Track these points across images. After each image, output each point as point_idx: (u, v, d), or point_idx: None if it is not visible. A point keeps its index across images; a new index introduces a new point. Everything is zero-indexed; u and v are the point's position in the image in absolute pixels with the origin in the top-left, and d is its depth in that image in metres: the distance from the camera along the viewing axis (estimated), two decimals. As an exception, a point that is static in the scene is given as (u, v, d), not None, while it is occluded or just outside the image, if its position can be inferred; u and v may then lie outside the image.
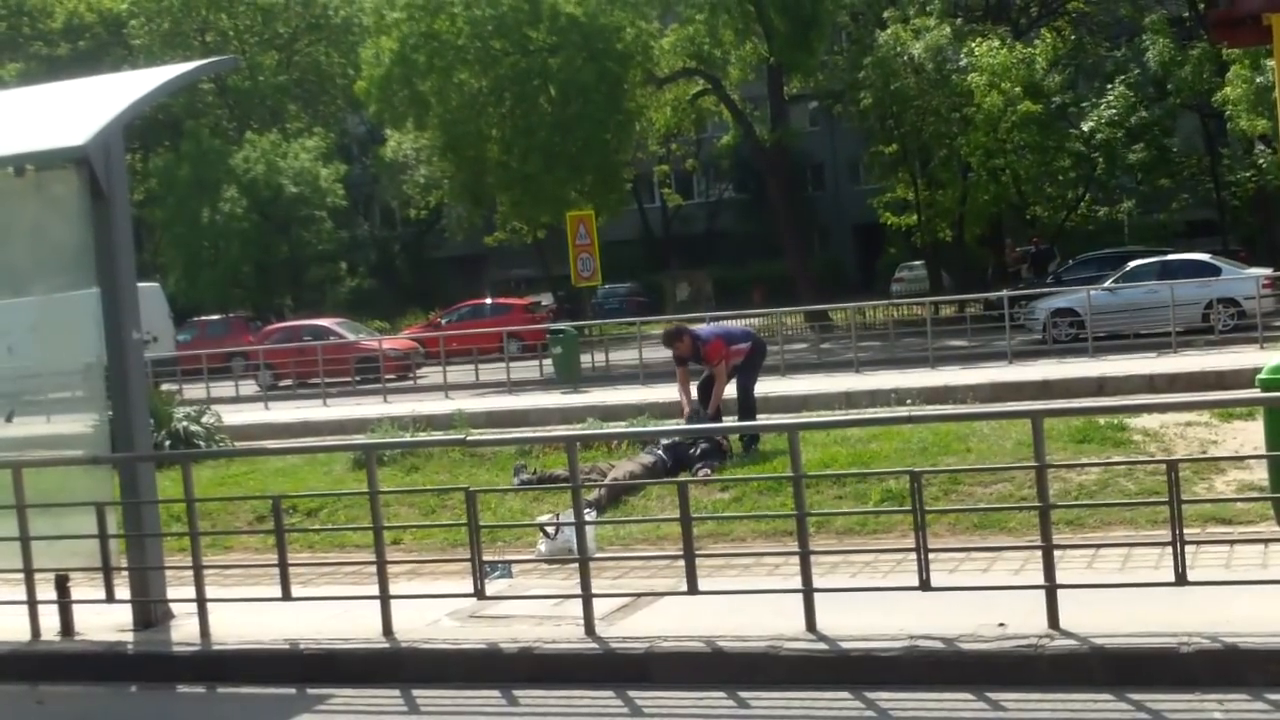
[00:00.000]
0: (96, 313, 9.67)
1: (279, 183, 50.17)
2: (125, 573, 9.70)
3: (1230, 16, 8.62)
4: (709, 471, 12.90)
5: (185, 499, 9.42)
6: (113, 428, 9.84)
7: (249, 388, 33.38)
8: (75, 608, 9.64)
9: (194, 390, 29.68)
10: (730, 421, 14.57)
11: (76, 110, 9.83)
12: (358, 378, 31.29)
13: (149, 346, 31.26)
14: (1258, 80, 29.11)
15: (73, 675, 9.12)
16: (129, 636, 9.40)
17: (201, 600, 9.14)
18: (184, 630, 9.34)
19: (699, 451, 13.31)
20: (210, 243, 49.80)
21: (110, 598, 9.47)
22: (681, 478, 11.73)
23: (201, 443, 17.31)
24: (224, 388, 32.14)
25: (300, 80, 59.89)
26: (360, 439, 16.47)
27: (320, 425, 23.24)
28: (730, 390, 14.70)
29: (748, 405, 14.58)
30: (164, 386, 27.76)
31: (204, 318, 45.85)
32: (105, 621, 9.57)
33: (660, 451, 13.37)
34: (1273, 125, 29.81)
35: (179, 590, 9.67)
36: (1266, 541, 8.84)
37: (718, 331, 15.09)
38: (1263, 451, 8.57)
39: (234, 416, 22.87)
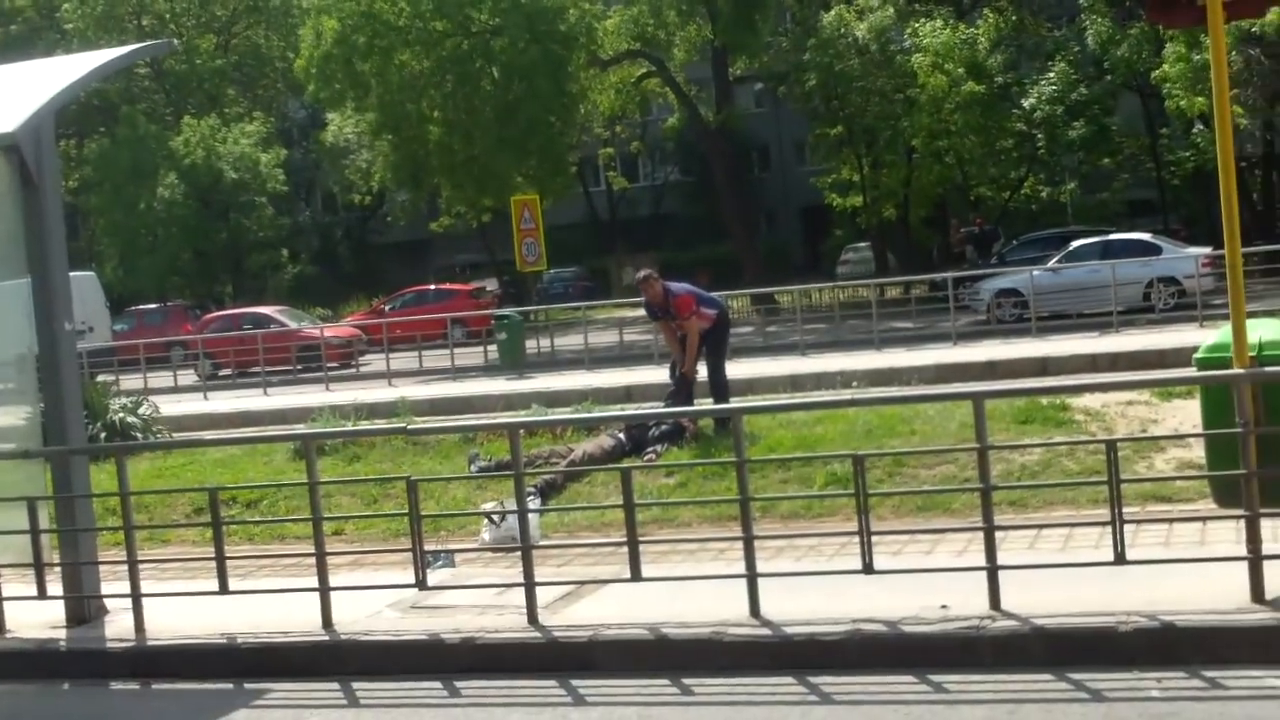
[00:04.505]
0: (27, 303, 9.51)
1: (218, 168, 49.65)
2: (58, 568, 9.54)
3: (1166, -3, 8.61)
4: (654, 456, 12.86)
5: (119, 492, 9.26)
6: (45, 420, 9.68)
7: (188, 378, 33.02)
8: (6, 605, 9.46)
9: (131, 381, 29.33)
10: (706, 400, 14.49)
11: (6, 96, 9.63)
12: (299, 366, 31.02)
13: (84, 336, 30.99)
14: (1194, 58, 29.31)
15: (3, 673, 8.93)
16: (61, 633, 9.23)
17: (136, 595, 9.00)
18: (118, 626, 9.19)
19: (658, 433, 13.27)
20: (148, 230, 49.24)
21: (42, 594, 9.32)
22: (625, 463, 11.68)
23: (138, 434, 17.09)
24: (162, 378, 31.77)
25: (239, 64, 59.30)
26: (300, 429, 16.30)
27: (261, 415, 23.04)
28: (701, 372, 14.63)
29: (719, 384, 14.51)
30: (100, 377, 27.35)
31: (142, 306, 45.32)
32: (37, 619, 9.40)
33: (620, 434, 13.33)
34: (1210, 104, 30.04)
35: (114, 586, 9.52)
36: (1204, 519, 8.88)
37: (690, 289, 15.02)
38: (1201, 430, 8.60)
39: (172, 407, 22.61)
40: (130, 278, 49.65)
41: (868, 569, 7.85)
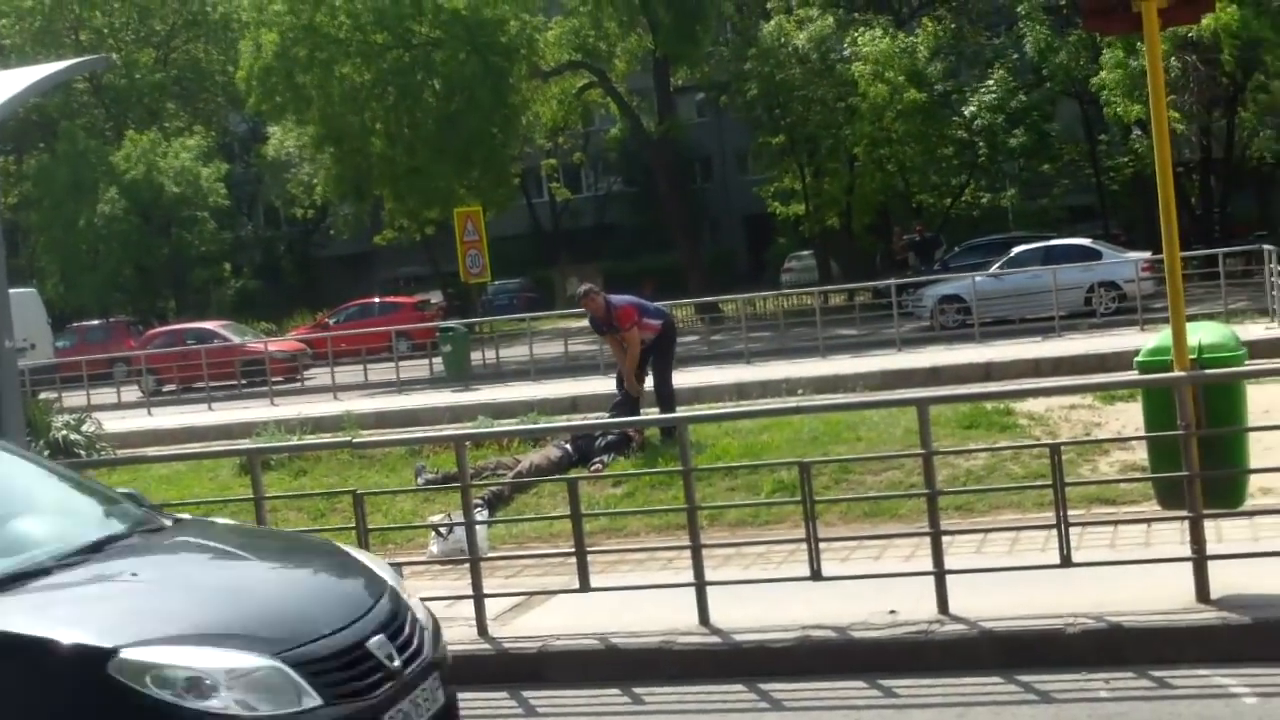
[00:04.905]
0: (-35, 321, 9.39)
1: (159, 183, 49.20)
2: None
3: (1101, 5, 8.68)
4: (600, 466, 12.85)
5: (62, 510, 9.13)
6: (-15, 439, 9.54)
7: (132, 394, 32.65)
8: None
9: (74, 398, 29.01)
10: (652, 410, 14.45)
11: (-62, 112, 9.52)
12: (243, 381, 30.78)
13: (26, 354, 30.57)
14: (1132, 65, 29.63)
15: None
16: (6, 654, 9.09)
17: (81, 614, 8.88)
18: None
19: (604, 443, 13.24)
20: (89, 246, 48.76)
21: (-15, 614, 9.17)
22: (572, 474, 11.67)
23: (82, 451, 16.88)
24: (106, 394, 31.45)
25: (178, 78, 58.83)
26: (245, 443, 16.18)
27: (206, 430, 22.87)
28: (648, 382, 14.59)
29: (665, 394, 14.46)
30: (42, 395, 27.03)
31: (84, 323, 44.88)
32: (-20, 639, 9.25)
33: (567, 445, 13.31)
34: (1147, 110, 30.34)
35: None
36: (1149, 521, 8.97)
37: (632, 300, 14.98)
38: (1143, 432, 8.69)
39: (116, 424, 22.37)
40: (72, 294, 49.16)
41: (816, 575, 7.89)
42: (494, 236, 36.00)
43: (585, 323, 17.98)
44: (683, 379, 18.60)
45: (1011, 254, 29.50)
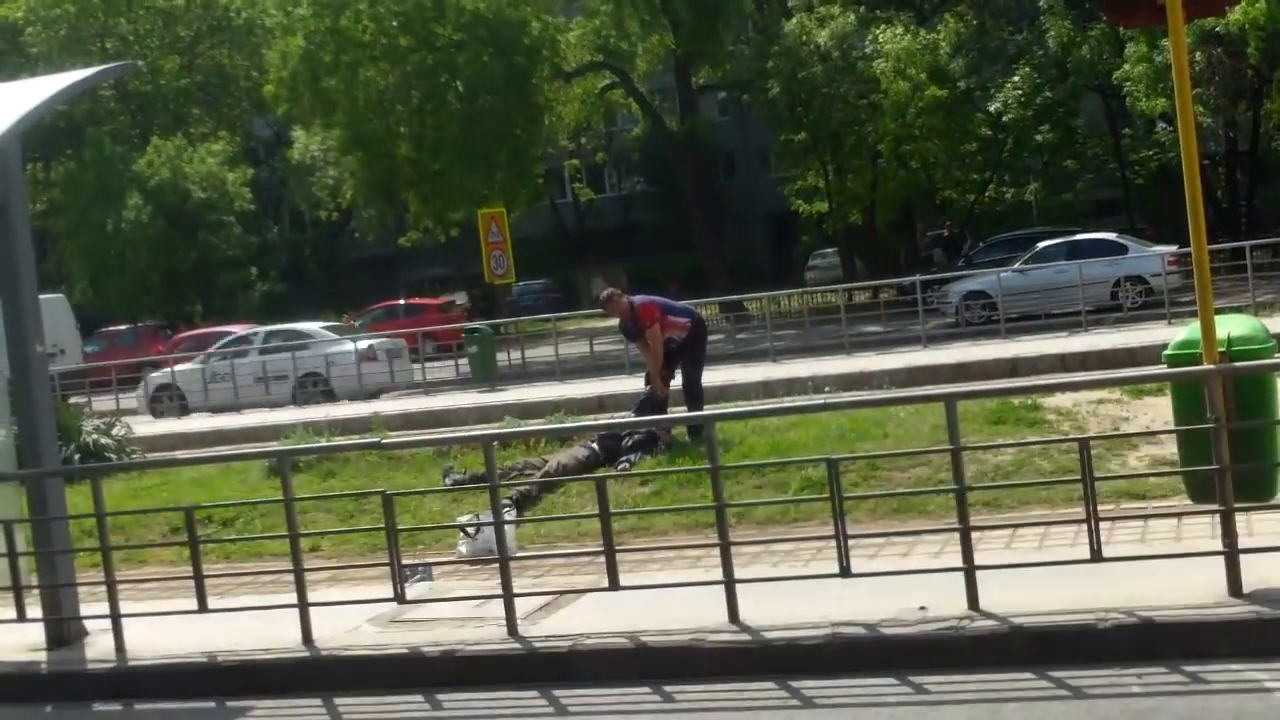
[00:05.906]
0: (-2, 326, 9.47)
1: (185, 188, 49.44)
2: (36, 591, 9.48)
3: (1126, -2, 8.68)
4: (628, 466, 12.87)
5: (96, 514, 9.22)
6: (18, 443, 9.63)
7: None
8: (-15, 629, 9.42)
9: (103, 402, 29.18)
10: (681, 409, 14.40)
11: (-31, 120, 9.58)
12: (272, 383, 30.81)
13: (56, 359, 30.81)
14: (1156, 59, 29.51)
15: (-15, 698, 8.91)
16: (42, 656, 9.18)
17: (115, 616, 8.97)
18: (98, 647, 9.15)
19: (631, 442, 13.25)
20: (117, 251, 48.99)
21: (21, 617, 9.26)
22: (600, 473, 11.69)
23: (112, 455, 17.00)
24: (135, 399, 31.58)
25: (203, 84, 59.14)
26: (274, 445, 16.25)
27: (234, 433, 22.96)
28: (676, 381, 14.55)
29: (695, 394, 14.40)
30: (72, 399, 27.22)
31: (112, 328, 45.15)
32: (17, 641, 9.34)
33: (594, 445, 13.33)
34: (1172, 104, 30.20)
35: (93, 607, 9.47)
36: (1179, 515, 8.93)
37: (654, 299, 14.90)
38: (1172, 426, 8.66)
39: (145, 427, 22.55)
40: (100, 299, 49.41)
41: (845, 572, 7.88)
42: (518, 237, 36.04)
43: (610, 322, 17.98)
44: (708, 377, 18.52)
45: (1036, 249, 29.41)
